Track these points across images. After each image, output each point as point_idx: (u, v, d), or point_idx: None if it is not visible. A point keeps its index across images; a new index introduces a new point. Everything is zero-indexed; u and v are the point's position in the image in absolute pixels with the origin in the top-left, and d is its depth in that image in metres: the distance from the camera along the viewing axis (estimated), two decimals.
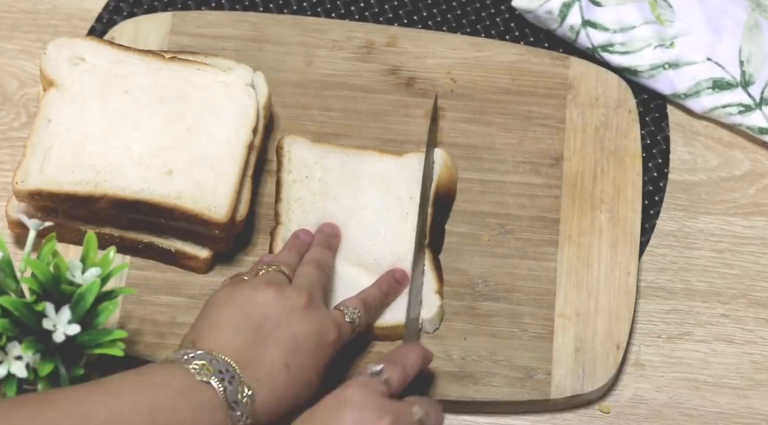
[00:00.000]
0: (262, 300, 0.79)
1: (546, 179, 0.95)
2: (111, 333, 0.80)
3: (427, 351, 0.82)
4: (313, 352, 0.79)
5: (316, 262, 0.86)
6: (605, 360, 0.88)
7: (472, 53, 1.00)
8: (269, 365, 0.77)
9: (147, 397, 0.72)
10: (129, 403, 0.71)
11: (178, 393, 0.73)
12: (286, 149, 0.93)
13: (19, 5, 1.03)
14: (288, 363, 0.78)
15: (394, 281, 0.89)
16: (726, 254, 0.94)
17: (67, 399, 0.71)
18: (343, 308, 0.84)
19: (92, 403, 0.71)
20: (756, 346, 0.91)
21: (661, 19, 1.01)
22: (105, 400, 0.71)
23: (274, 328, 0.78)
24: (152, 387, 0.73)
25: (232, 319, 0.78)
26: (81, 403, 0.71)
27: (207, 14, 1.01)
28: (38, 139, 0.89)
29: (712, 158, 0.98)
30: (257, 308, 0.79)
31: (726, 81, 0.99)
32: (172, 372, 0.75)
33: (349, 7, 1.04)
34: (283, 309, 0.79)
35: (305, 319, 0.79)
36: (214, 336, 0.78)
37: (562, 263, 0.91)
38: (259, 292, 0.80)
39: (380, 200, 0.92)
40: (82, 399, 0.71)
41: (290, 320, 0.79)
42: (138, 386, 0.73)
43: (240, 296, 0.80)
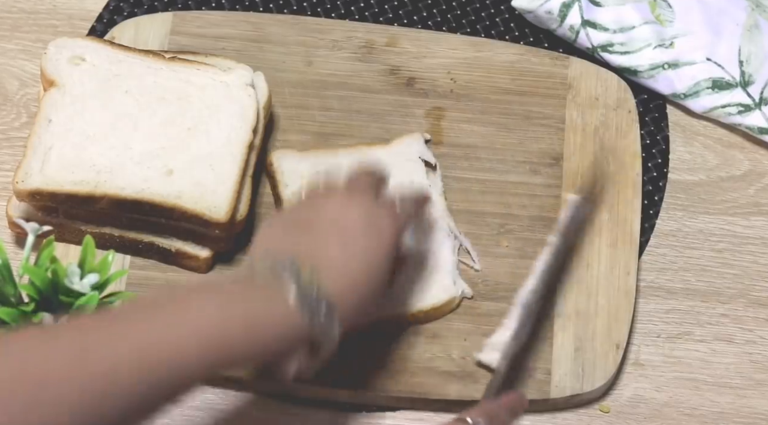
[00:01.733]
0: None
1: (546, 178, 0.95)
2: None
3: (520, 406, 0.80)
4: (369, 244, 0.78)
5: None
6: (605, 360, 0.88)
7: (472, 53, 1.00)
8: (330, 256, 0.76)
9: (224, 307, 0.71)
10: (207, 313, 0.70)
11: (251, 302, 0.72)
12: (276, 165, 0.93)
13: (20, 5, 1.03)
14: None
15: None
16: (726, 254, 0.94)
17: (137, 314, 0.69)
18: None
19: (168, 313, 0.69)
20: (756, 346, 0.91)
21: (661, 20, 1.01)
22: (176, 310, 0.70)
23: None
24: (226, 299, 0.71)
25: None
26: (160, 311, 0.69)
27: (207, 14, 1.01)
28: (38, 139, 0.89)
29: (711, 158, 0.98)
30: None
31: (725, 81, 0.99)
32: (243, 287, 0.73)
33: (349, 7, 1.04)
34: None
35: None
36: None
37: None
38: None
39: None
40: (159, 309, 0.70)
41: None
42: (215, 297, 0.71)
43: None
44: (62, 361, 0.64)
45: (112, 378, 0.65)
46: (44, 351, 0.64)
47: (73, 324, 0.68)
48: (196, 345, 0.69)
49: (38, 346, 0.65)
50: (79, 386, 0.64)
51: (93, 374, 0.64)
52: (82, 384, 0.64)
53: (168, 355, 0.68)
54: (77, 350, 0.65)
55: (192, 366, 0.69)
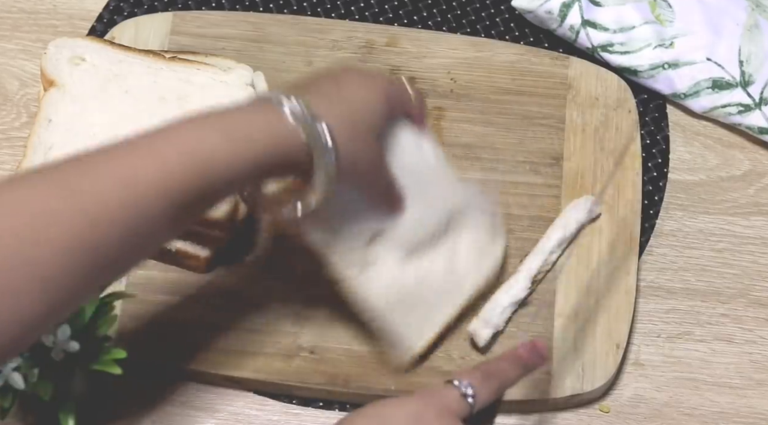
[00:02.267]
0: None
1: (546, 178, 0.95)
2: (110, 352, 0.80)
3: (539, 357, 0.75)
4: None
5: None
6: (605, 360, 0.88)
7: (472, 53, 1.00)
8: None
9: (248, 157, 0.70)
10: (206, 133, 0.70)
11: (271, 145, 0.71)
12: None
13: (20, 5, 1.03)
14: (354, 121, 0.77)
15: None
16: (725, 254, 0.94)
17: (142, 144, 0.70)
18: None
19: (165, 136, 0.70)
20: (756, 345, 0.91)
21: (661, 19, 1.01)
22: (176, 134, 0.70)
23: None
24: (246, 141, 0.71)
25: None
26: (156, 139, 0.70)
27: (207, 14, 1.01)
28: (39, 139, 0.89)
29: (711, 157, 0.98)
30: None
31: (725, 81, 0.99)
32: (268, 123, 0.72)
33: (349, 7, 1.04)
34: None
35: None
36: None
37: (562, 263, 0.91)
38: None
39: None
40: (154, 137, 0.70)
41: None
42: (231, 139, 0.71)
43: None
44: (54, 204, 0.65)
45: (101, 213, 0.65)
46: (34, 196, 0.65)
47: (60, 166, 0.68)
48: (181, 162, 0.68)
49: (27, 194, 0.65)
50: (69, 226, 0.64)
51: (83, 211, 0.65)
52: (73, 224, 0.64)
53: (154, 177, 0.67)
54: (67, 191, 0.65)
55: (182, 187, 0.68)
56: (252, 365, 0.87)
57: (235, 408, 0.88)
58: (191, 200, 0.69)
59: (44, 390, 0.78)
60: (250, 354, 0.87)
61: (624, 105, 0.98)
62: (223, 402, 0.88)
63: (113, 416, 0.86)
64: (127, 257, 0.69)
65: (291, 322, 0.88)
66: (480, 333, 0.87)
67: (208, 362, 0.87)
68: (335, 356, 0.88)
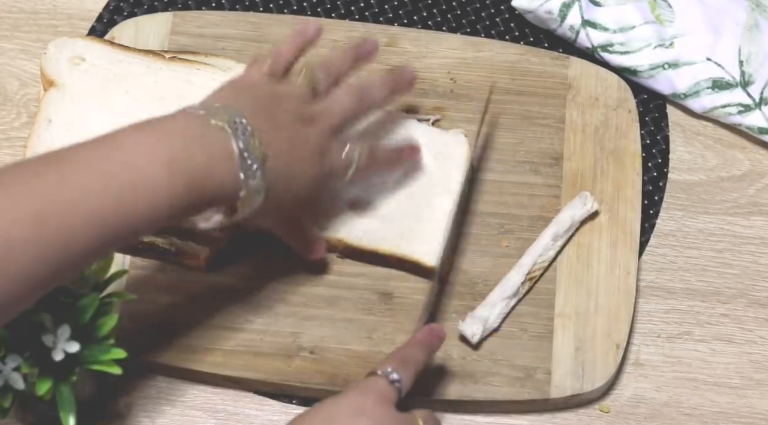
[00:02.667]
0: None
1: (546, 178, 0.95)
2: (110, 352, 0.80)
3: (437, 338, 0.82)
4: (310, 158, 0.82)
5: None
6: (605, 360, 0.88)
7: (472, 53, 1.00)
8: (279, 135, 0.79)
9: (163, 149, 0.72)
10: (145, 158, 0.72)
11: (193, 141, 0.73)
12: None
13: (20, 5, 1.03)
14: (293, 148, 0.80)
15: (411, 150, 0.90)
16: (725, 254, 0.94)
17: (86, 161, 0.71)
18: (344, 144, 0.85)
19: (111, 162, 0.71)
20: (755, 345, 0.91)
21: (661, 19, 1.01)
22: (122, 157, 0.71)
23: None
24: (167, 138, 0.73)
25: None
26: (101, 163, 0.71)
27: (207, 14, 1.01)
28: (39, 139, 0.89)
29: (711, 157, 0.98)
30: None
31: (725, 81, 0.99)
32: (186, 119, 0.75)
33: (349, 7, 1.04)
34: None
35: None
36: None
37: (562, 262, 0.92)
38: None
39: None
40: (101, 159, 0.71)
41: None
42: (153, 137, 0.73)
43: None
44: (20, 228, 0.66)
45: (68, 242, 0.68)
46: (3, 216, 0.66)
47: (25, 180, 0.69)
48: (141, 199, 0.71)
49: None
50: (38, 251, 0.67)
51: (50, 239, 0.67)
52: (42, 249, 0.67)
53: (116, 216, 0.70)
54: (36, 215, 0.67)
55: (139, 220, 0.71)
56: (252, 365, 0.87)
57: (235, 408, 0.88)
58: (140, 235, 0.74)
59: (44, 389, 0.78)
60: (250, 354, 0.87)
61: (624, 105, 0.98)
62: (223, 402, 0.88)
63: (113, 416, 0.86)
64: (72, 275, 0.73)
65: (291, 322, 0.88)
66: (470, 330, 0.87)
67: (208, 362, 0.87)
68: (335, 356, 0.88)
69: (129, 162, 0.71)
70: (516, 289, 0.89)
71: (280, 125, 0.79)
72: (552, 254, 0.91)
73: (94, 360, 0.80)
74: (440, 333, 0.83)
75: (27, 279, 0.67)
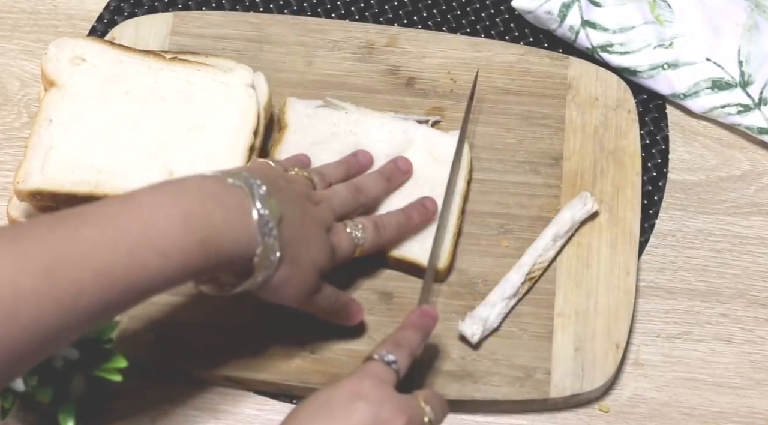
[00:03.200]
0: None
1: (546, 178, 0.95)
2: (111, 360, 0.80)
3: (429, 319, 0.82)
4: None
5: (360, 193, 0.88)
6: (604, 360, 0.88)
7: (471, 53, 1.00)
8: (290, 204, 0.80)
9: (179, 204, 0.73)
10: (162, 212, 0.72)
11: (210, 197, 0.74)
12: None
13: (20, 5, 1.03)
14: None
15: (421, 206, 0.90)
16: (725, 254, 0.94)
17: (102, 215, 0.71)
18: (348, 222, 0.86)
19: (126, 217, 0.71)
20: (755, 345, 0.91)
21: (661, 20, 1.01)
22: (138, 213, 0.71)
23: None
24: (184, 195, 0.73)
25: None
26: (115, 218, 0.71)
27: (207, 14, 1.01)
28: (39, 139, 0.89)
29: (711, 157, 0.99)
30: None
31: (725, 81, 0.99)
32: (203, 180, 0.75)
33: (349, 7, 1.04)
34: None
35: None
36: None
37: (562, 262, 0.92)
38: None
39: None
40: (115, 214, 0.71)
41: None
42: (170, 195, 0.73)
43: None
44: (31, 278, 0.66)
45: (76, 301, 0.68)
46: (14, 266, 0.66)
47: (32, 233, 0.69)
48: (154, 254, 0.71)
49: (7, 261, 0.66)
50: (41, 310, 0.66)
51: (60, 290, 0.67)
52: (45, 308, 0.67)
53: (127, 274, 0.70)
54: (46, 267, 0.67)
55: (152, 276, 0.71)
56: (252, 365, 0.87)
57: (235, 408, 0.88)
58: (158, 286, 0.72)
59: (43, 394, 0.78)
60: (251, 354, 0.87)
61: (624, 105, 0.98)
62: (223, 402, 0.88)
63: (113, 416, 0.86)
64: (83, 330, 0.71)
65: (291, 322, 0.88)
66: (469, 330, 0.87)
67: (208, 362, 0.87)
68: (335, 356, 0.88)
69: (143, 217, 0.71)
70: (516, 289, 0.89)
71: (290, 198, 0.80)
72: (552, 254, 0.91)
73: (94, 367, 0.80)
74: (432, 314, 0.83)
75: (38, 329, 0.67)
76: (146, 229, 0.71)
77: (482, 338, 0.88)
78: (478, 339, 0.87)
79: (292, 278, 0.79)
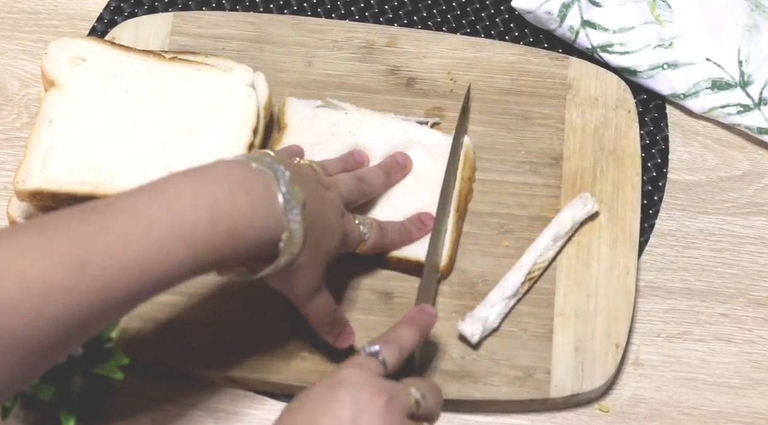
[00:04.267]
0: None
1: (545, 178, 0.95)
2: (113, 357, 0.80)
3: (428, 316, 0.82)
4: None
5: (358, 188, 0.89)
6: (604, 360, 0.88)
7: (471, 53, 1.00)
8: (308, 188, 0.79)
9: (205, 194, 0.73)
10: (189, 203, 0.72)
11: (236, 184, 0.74)
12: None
13: (20, 5, 1.03)
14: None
15: (420, 222, 0.91)
16: (725, 254, 0.94)
17: (129, 207, 0.71)
18: (357, 216, 0.87)
19: (154, 209, 0.71)
20: (755, 345, 0.91)
21: (660, 20, 1.01)
22: (165, 204, 0.71)
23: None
24: (210, 183, 0.73)
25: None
26: (143, 210, 0.71)
27: (207, 14, 1.01)
28: (39, 139, 0.89)
29: (711, 157, 0.99)
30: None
31: (725, 81, 0.99)
32: (228, 166, 0.75)
33: (349, 7, 1.04)
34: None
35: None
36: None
37: (562, 262, 0.92)
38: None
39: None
40: (143, 206, 0.71)
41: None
42: (195, 184, 0.73)
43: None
44: (62, 274, 0.67)
45: (106, 297, 0.68)
46: (45, 263, 0.67)
47: (63, 227, 0.69)
48: (182, 245, 0.71)
49: (38, 257, 0.67)
50: (70, 305, 0.67)
51: (87, 293, 0.67)
52: (74, 304, 0.67)
53: (156, 268, 0.70)
54: (76, 262, 0.67)
55: (176, 275, 0.72)
56: (252, 365, 0.87)
57: (235, 408, 0.88)
58: (185, 272, 0.72)
59: (45, 391, 0.78)
60: (251, 354, 0.87)
61: (623, 105, 0.98)
62: (223, 402, 0.88)
63: (113, 416, 0.86)
64: (109, 322, 0.72)
65: (291, 322, 0.88)
66: (469, 330, 0.87)
67: (209, 362, 0.87)
68: (335, 356, 0.88)
69: (170, 208, 0.71)
70: (516, 289, 0.89)
71: (306, 181, 0.80)
72: (552, 254, 0.91)
73: (96, 364, 0.80)
74: (431, 312, 0.82)
75: (65, 323, 0.67)
76: (174, 221, 0.71)
77: (482, 338, 0.88)
78: (477, 338, 0.87)
79: (309, 265, 0.79)
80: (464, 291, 0.91)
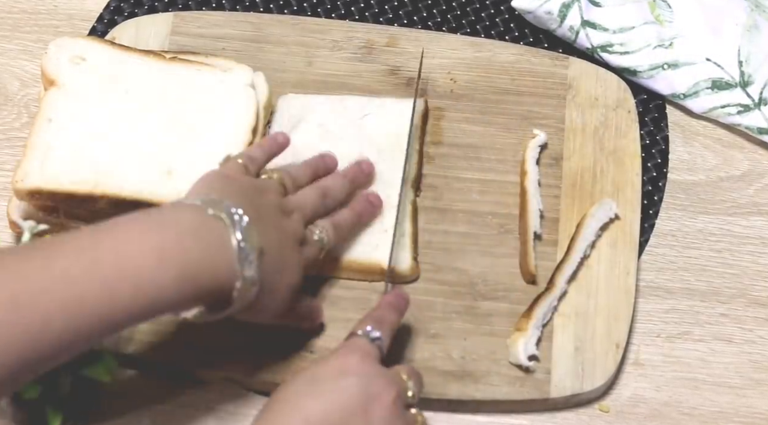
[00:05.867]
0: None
1: (546, 178, 0.95)
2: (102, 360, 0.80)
3: (403, 300, 0.83)
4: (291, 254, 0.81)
5: (328, 197, 0.88)
6: (604, 360, 0.88)
7: (471, 53, 1.00)
8: (266, 226, 0.79)
9: (152, 239, 0.72)
10: (136, 246, 0.71)
11: (187, 232, 0.73)
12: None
13: (20, 5, 1.03)
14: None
15: (368, 204, 0.90)
16: (725, 254, 0.94)
17: (75, 246, 0.70)
18: (312, 227, 0.85)
19: (100, 249, 0.70)
20: (755, 345, 0.91)
21: (660, 20, 1.01)
22: (112, 245, 0.71)
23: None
24: (159, 228, 0.72)
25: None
26: (89, 250, 0.70)
27: (207, 14, 1.01)
28: (39, 138, 0.89)
29: (711, 157, 0.99)
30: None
31: (725, 81, 0.99)
32: (181, 211, 0.75)
33: (349, 7, 1.04)
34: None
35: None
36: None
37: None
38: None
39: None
40: (88, 246, 0.71)
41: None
42: (145, 227, 0.72)
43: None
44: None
45: (44, 333, 0.68)
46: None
47: (8, 263, 0.69)
48: (127, 286, 0.70)
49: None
50: (9, 341, 0.66)
51: (25, 330, 0.67)
52: (13, 340, 0.67)
53: (99, 307, 0.69)
54: (7, 299, 0.67)
55: (123, 316, 0.71)
56: (252, 365, 0.87)
57: (235, 408, 0.88)
58: (129, 319, 0.72)
59: (31, 391, 0.78)
60: (251, 354, 0.87)
61: (624, 105, 0.98)
62: (223, 402, 0.88)
63: (113, 415, 0.86)
64: (54, 362, 0.71)
65: None
66: (527, 345, 0.87)
67: (208, 362, 0.87)
68: None
69: (117, 248, 0.71)
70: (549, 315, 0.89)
71: (265, 215, 0.79)
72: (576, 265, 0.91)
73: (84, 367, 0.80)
74: (405, 295, 0.84)
75: (5, 359, 0.66)
76: (120, 262, 0.70)
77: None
78: (532, 352, 0.87)
79: (270, 304, 0.79)
80: (464, 291, 0.90)
